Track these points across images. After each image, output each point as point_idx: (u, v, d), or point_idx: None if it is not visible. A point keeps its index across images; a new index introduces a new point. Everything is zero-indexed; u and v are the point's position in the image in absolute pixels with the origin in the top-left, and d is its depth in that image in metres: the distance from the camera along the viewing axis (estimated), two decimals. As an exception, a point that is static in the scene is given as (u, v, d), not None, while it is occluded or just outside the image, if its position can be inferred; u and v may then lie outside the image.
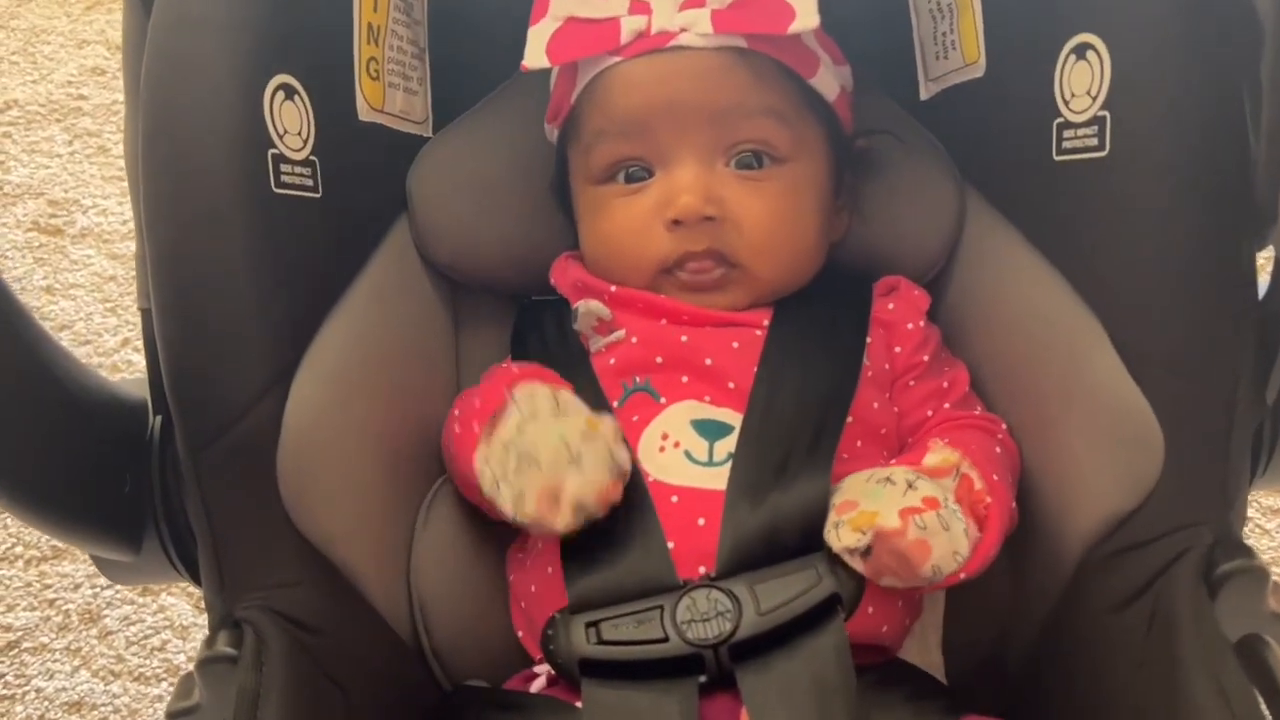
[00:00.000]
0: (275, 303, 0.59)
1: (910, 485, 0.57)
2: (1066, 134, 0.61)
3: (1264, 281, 0.59)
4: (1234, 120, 0.56)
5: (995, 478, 0.62)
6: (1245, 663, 0.52)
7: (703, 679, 0.55)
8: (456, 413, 0.68)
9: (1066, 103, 0.61)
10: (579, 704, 0.56)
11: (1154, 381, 0.58)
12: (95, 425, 0.60)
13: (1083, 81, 0.60)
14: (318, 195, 0.63)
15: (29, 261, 1.31)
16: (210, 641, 0.56)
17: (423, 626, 0.67)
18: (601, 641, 0.56)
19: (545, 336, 0.72)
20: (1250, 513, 1.09)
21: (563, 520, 0.56)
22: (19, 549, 1.04)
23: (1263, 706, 0.51)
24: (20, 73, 1.52)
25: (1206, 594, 0.54)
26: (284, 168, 0.60)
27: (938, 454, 0.60)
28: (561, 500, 0.56)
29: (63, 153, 1.43)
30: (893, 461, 0.63)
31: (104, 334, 1.24)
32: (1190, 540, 0.56)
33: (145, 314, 0.59)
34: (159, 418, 0.61)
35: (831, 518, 0.57)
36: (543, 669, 0.61)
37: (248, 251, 0.57)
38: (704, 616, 0.55)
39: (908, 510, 0.55)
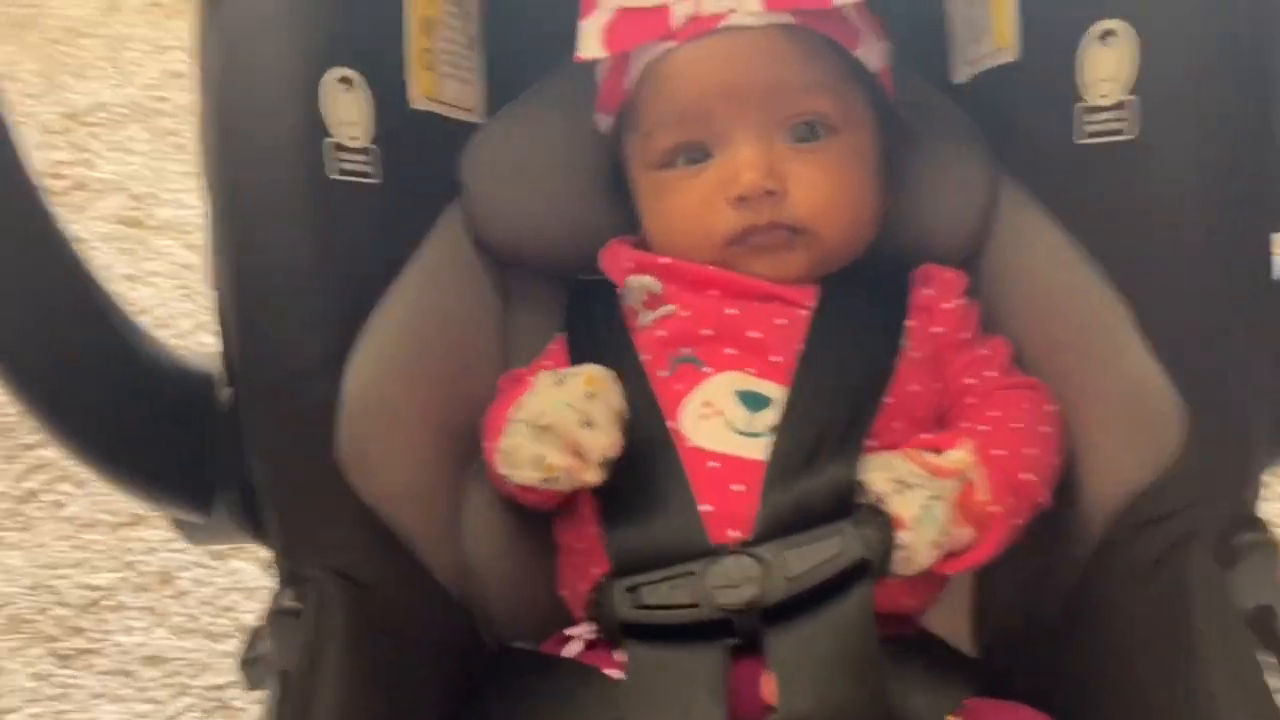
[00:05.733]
0: (333, 281, 0.63)
1: (895, 491, 0.59)
2: (1089, 118, 0.62)
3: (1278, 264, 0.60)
4: (1257, 105, 0.57)
5: (1028, 476, 0.63)
6: (1257, 632, 0.54)
7: (734, 641, 0.57)
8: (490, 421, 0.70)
9: (1090, 87, 0.62)
10: (609, 670, 0.60)
11: (1176, 361, 0.60)
12: (164, 391, 0.64)
13: (1108, 66, 0.61)
14: (378, 181, 0.66)
15: (113, 251, 1.39)
16: (277, 597, 0.61)
17: (471, 587, 0.70)
18: (640, 606, 0.59)
19: (593, 315, 0.75)
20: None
21: (593, 475, 0.60)
22: (101, 515, 1.11)
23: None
24: (106, 77, 1.61)
25: (1221, 567, 0.56)
26: (342, 155, 0.63)
27: (955, 454, 0.62)
28: (588, 459, 0.60)
29: (144, 150, 1.51)
30: (922, 435, 0.65)
31: (180, 318, 1.31)
32: (1207, 515, 0.58)
33: (218, 294, 0.64)
34: (228, 389, 0.66)
35: None
36: (576, 632, 0.65)
37: (306, 234, 0.61)
38: (733, 582, 0.58)
39: None
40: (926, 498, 0.58)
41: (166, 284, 1.33)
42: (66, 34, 1.66)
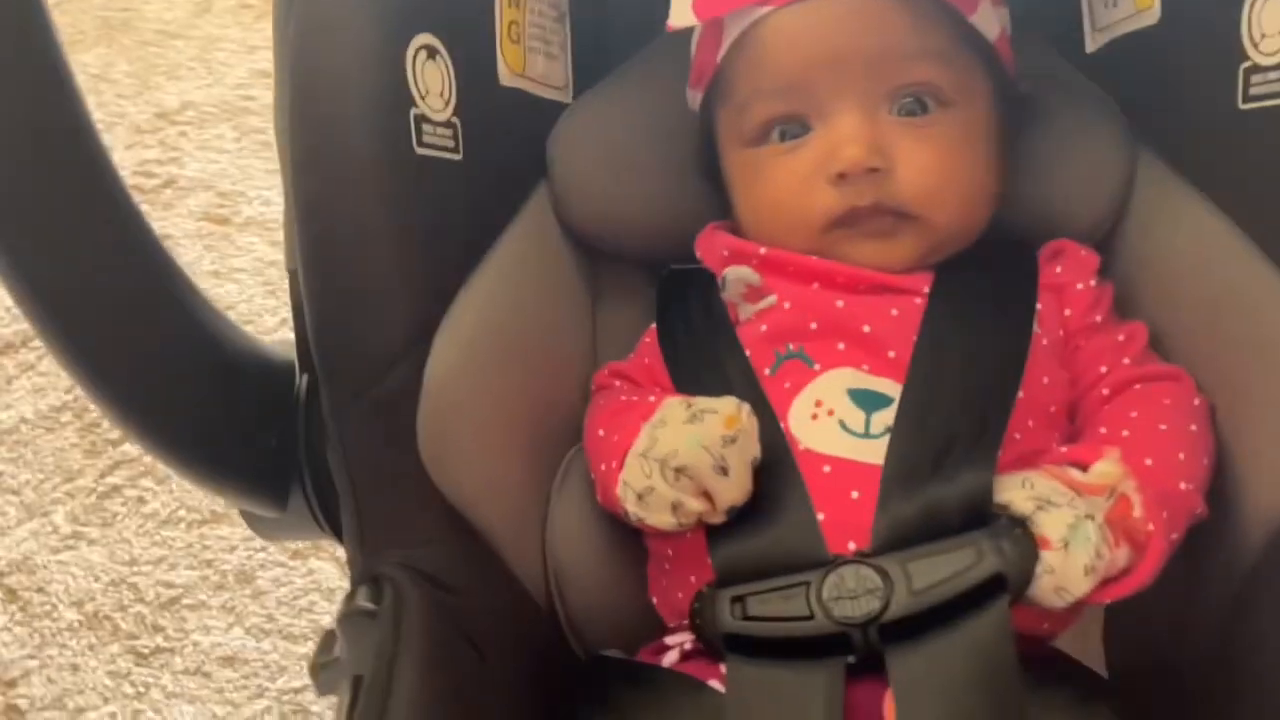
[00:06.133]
0: (416, 262, 0.59)
1: (1038, 508, 0.53)
2: (1255, 79, 0.56)
3: None
4: None
5: (1184, 485, 0.57)
6: None
7: (851, 660, 0.52)
8: (601, 432, 0.65)
9: (1256, 45, 0.56)
10: (712, 681, 0.55)
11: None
12: (242, 380, 0.61)
13: (1277, 19, 0.54)
14: (459, 158, 0.63)
15: (198, 249, 1.39)
16: (351, 596, 0.57)
17: (557, 592, 0.66)
18: (747, 617, 0.55)
19: (689, 307, 0.70)
20: None
21: (718, 519, 0.56)
22: (182, 513, 1.10)
23: None
24: (196, 77, 1.62)
25: None
26: (426, 128, 0.60)
27: (1102, 466, 0.55)
28: (718, 506, 0.56)
29: (231, 149, 1.51)
30: (1063, 448, 0.59)
31: (264, 314, 1.31)
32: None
33: (293, 275, 0.60)
34: (305, 377, 0.62)
35: None
36: (675, 641, 0.60)
37: (389, 210, 0.58)
38: (852, 594, 0.52)
39: None
40: (1075, 517, 0.52)
41: (251, 280, 1.32)
42: (159, 36, 1.68)
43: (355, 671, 0.54)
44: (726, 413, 0.56)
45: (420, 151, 0.59)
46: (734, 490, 0.55)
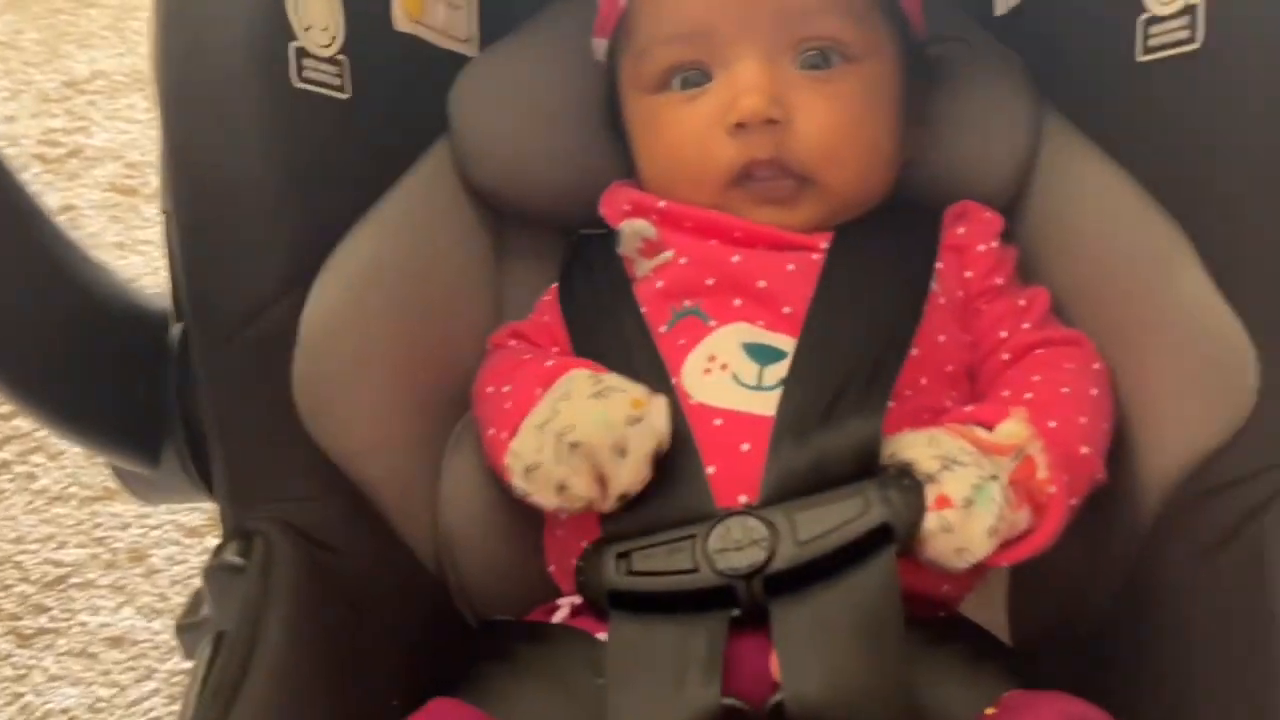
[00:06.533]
0: (293, 199, 0.56)
1: (943, 467, 0.51)
2: (1153, 30, 0.55)
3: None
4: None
5: (1085, 450, 0.56)
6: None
7: (736, 613, 0.50)
8: (490, 389, 0.63)
9: (1154, -5, 0.55)
10: (600, 635, 0.53)
11: (1247, 301, 0.52)
12: (110, 327, 0.58)
13: (1174, -31, 0.54)
14: (346, 96, 0.60)
15: (104, 219, 1.33)
16: (219, 551, 0.54)
17: (449, 558, 0.64)
18: (631, 573, 0.53)
19: (591, 265, 0.68)
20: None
21: (608, 506, 0.54)
22: (74, 489, 1.05)
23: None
24: (109, 46, 1.56)
25: (1305, 535, 0.48)
26: (307, 62, 0.57)
27: (1009, 426, 0.54)
28: (610, 491, 0.53)
29: (142, 119, 1.46)
30: (967, 408, 0.58)
31: (171, 287, 1.25)
32: (1286, 479, 0.50)
33: (167, 216, 0.57)
34: (179, 325, 0.59)
35: None
36: (565, 601, 0.58)
37: (263, 143, 0.55)
38: (737, 545, 0.51)
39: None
40: (979, 477, 0.50)
41: (158, 253, 1.27)
42: (71, 4, 1.62)
43: (220, 627, 0.51)
44: (634, 394, 0.54)
45: (300, 85, 0.56)
46: (629, 474, 0.53)
